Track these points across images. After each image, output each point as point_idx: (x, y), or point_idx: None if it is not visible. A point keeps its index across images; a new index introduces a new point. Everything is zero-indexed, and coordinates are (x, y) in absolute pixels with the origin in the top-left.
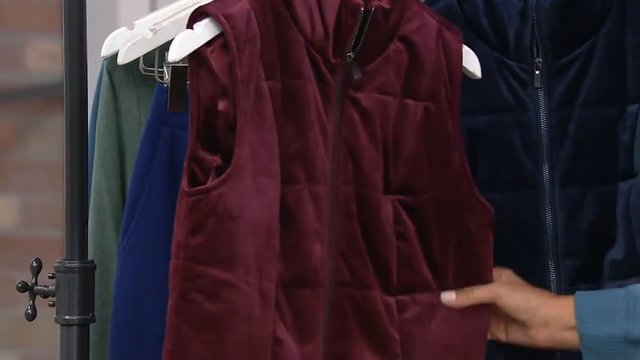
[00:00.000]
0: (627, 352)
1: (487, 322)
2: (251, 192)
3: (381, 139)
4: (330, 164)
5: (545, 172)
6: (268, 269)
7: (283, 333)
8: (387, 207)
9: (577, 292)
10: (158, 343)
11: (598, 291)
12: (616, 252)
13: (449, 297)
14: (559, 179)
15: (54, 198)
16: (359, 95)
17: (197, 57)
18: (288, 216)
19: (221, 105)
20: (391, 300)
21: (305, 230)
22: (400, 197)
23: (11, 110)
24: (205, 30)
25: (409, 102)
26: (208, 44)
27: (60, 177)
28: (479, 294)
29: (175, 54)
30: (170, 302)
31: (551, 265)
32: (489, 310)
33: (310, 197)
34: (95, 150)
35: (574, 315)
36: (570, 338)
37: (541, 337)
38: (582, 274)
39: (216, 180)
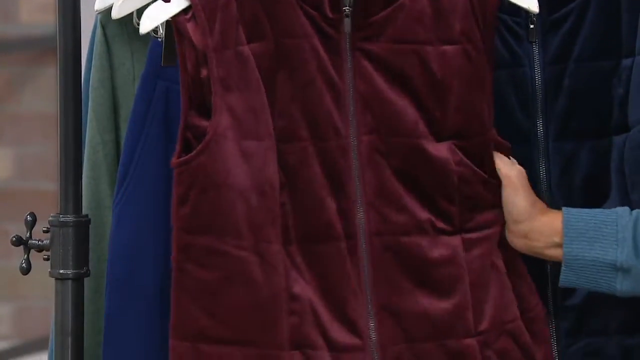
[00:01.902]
0: (609, 276)
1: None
2: (236, 157)
3: (409, 86)
4: (347, 118)
5: (540, 127)
6: (265, 231)
7: (301, 289)
8: (438, 151)
9: (566, 209)
10: (153, 296)
11: (588, 211)
12: (609, 206)
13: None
14: (553, 133)
15: (47, 150)
16: (371, 46)
17: (177, 27)
18: (293, 174)
19: (203, 73)
20: (454, 239)
21: (313, 186)
22: (456, 141)
23: (4, 62)
24: (175, 1)
25: (445, 47)
26: (185, 11)
27: (54, 129)
28: (500, 164)
29: (146, 26)
30: (172, 273)
31: None
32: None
33: (316, 153)
34: (89, 105)
35: (559, 233)
36: (548, 253)
37: (519, 245)
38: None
39: (194, 152)
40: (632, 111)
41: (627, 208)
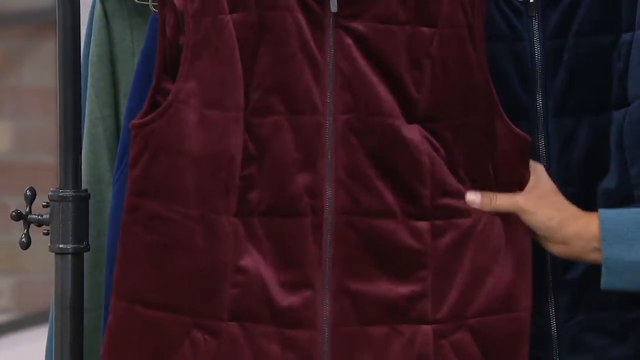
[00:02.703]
0: None
1: (528, 244)
2: (194, 125)
3: (389, 68)
4: (325, 95)
5: (539, 102)
6: (216, 201)
7: (252, 261)
8: (411, 133)
9: (602, 211)
10: None
11: (622, 212)
12: (609, 181)
13: (474, 198)
14: (552, 108)
15: (47, 123)
16: (354, 24)
17: None
18: (263, 147)
19: (181, 39)
20: (423, 224)
21: (283, 161)
22: (427, 124)
23: (3, 35)
24: None
25: (424, 29)
26: None
27: (53, 102)
28: (501, 202)
29: None
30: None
31: None
32: (529, 235)
33: (290, 127)
34: (89, 80)
35: (596, 237)
36: (589, 257)
37: (559, 251)
38: (575, 203)
39: (150, 115)
40: (632, 86)
41: None
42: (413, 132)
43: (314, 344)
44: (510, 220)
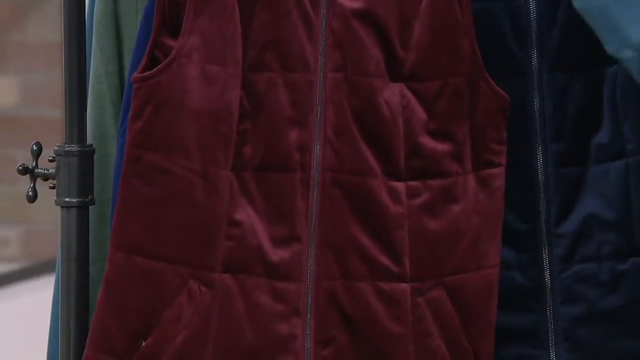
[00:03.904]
0: (615, 44)
1: (501, 203)
2: (196, 80)
3: (380, 28)
4: (317, 53)
5: (534, 59)
6: (216, 154)
7: (245, 215)
8: (389, 93)
9: None
10: None
11: None
12: (601, 136)
13: None
14: (547, 65)
15: (52, 78)
16: None
17: None
18: (258, 103)
19: None
20: (399, 185)
21: (277, 117)
22: (409, 83)
23: None
24: None
25: None
26: None
27: (59, 57)
28: None
29: None
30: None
31: (538, 149)
32: (503, 192)
33: (285, 84)
34: (93, 37)
35: None
36: None
37: None
38: (568, 158)
39: (154, 70)
40: None
41: None
42: (392, 92)
43: (301, 296)
44: (484, 180)
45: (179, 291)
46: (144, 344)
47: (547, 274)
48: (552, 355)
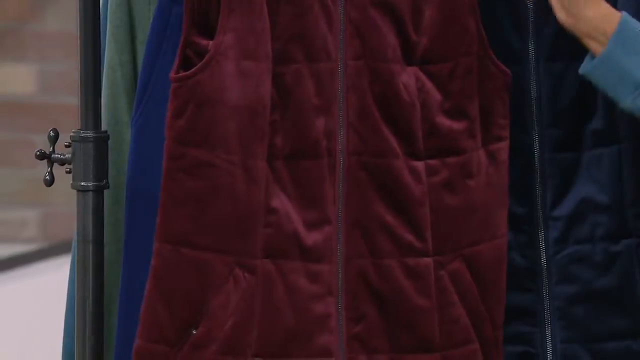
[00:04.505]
0: (627, 90)
1: (507, 175)
2: (233, 76)
3: (395, 14)
4: (337, 42)
5: (531, 48)
6: (253, 147)
7: (280, 202)
8: (406, 77)
9: (625, 16)
10: None
11: None
12: (596, 123)
13: None
14: (544, 54)
15: (70, 66)
16: None
17: None
18: (287, 94)
19: None
20: (419, 164)
21: (305, 106)
22: (423, 66)
23: None
24: None
25: None
26: None
27: (75, 46)
28: None
29: None
30: (162, 181)
31: (535, 136)
32: (507, 164)
33: (310, 74)
34: (108, 27)
35: (605, 34)
36: (584, 41)
37: (564, 21)
38: (563, 143)
39: (194, 68)
40: None
41: None
42: (409, 76)
43: (334, 276)
44: (493, 154)
45: (225, 279)
46: (194, 332)
47: (543, 255)
48: (548, 332)
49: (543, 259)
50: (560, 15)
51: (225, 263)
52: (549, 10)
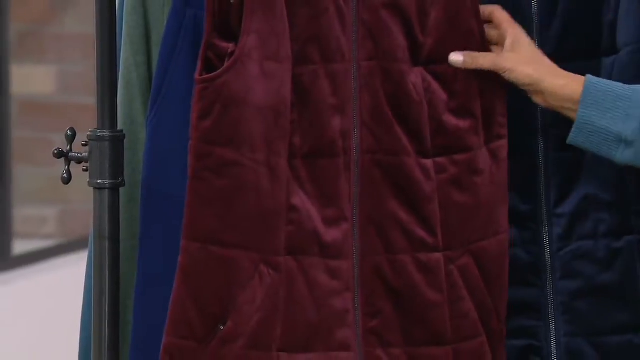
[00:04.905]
0: (612, 145)
1: (506, 172)
2: (257, 77)
3: (404, 16)
4: (351, 43)
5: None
6: (276, 146)
7: (300, 200)
8: (414, 76)
9: (589, 78)
10: (181, 204)
11: (607, 82)
12: None
13: (456, 58)
14: (548, 54)
15: (87, 67)
16: None
17: None
18: (304, 94)
19: None
20: (427, 162)
21: (321, 106)
22: (429, 66)
23: None
24: None
25: None
26: None
27: (93, 48)
28: (483, 60)
29: None
30: (188, 180)
31: (539, 135)
32: (507, 162)
33: (326, 75)
34: (124, 29)
35: (572, 100)
36: (564, 112)
37: (539, 101)
38: (566, 142)
39: (220, 70)
40: (620, 35)
41: None
42: (416, 76)
43: (351, 272)
44: (494, 152)
45: (252, 276)
46: (222, 328)
47: (547, 251)
48: (552, 326)
49: (547, 255)
50: (535, 98)
51: (251, 260)
52: (552, 13)
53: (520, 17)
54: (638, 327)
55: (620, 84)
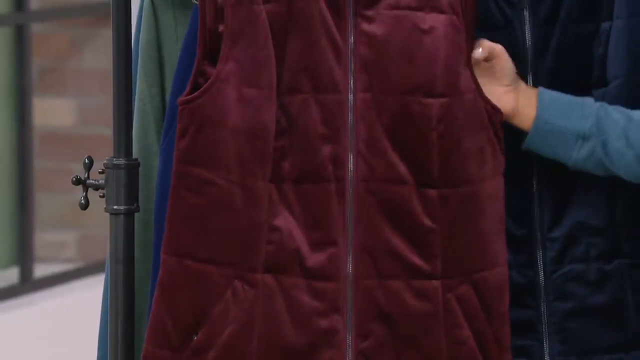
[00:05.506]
0: (570, 144)
1: (503, 210)
2: (234, 101)
3: (402, 47)
4: (347, 75)
5: (530, 82)
6: (253, 167)
7: (284, 222)
8: (420, 108)
9: (540, 87)
10: None
11: (559, 92)
12: None
13: (478, 53)
14: (541, 87)
15: (105, 101)
16: (370, 12)
17: None
18: (294, 122)
19: (221, 27)
20: (432, 192)
21: (311, 134)
22: (439, 99)
23: (68, 24)
24: None
25: (434, 14)
26: None
27: (110, 82)
28: (492, 45)
29: None
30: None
31: (533, 163)
32: (504, 197)
33: (317, 104)
34: (139, 63)
35: (533, 105)
36: (516, 119)
37: (505, 109)
38: (559, 170)
39: (196, 93)
40: (610, 68)
41: (592, 101)
42: (425, 107)
43: (339, 294)
44: (494, 185)
45: (224, 290)
46: (195, 338)
47: (541, 274)
48: (546, 346)
49: (541, 278)
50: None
51: (224, 275)
52: (545, 48)
53: (515, 50)
54: (628, 346)
55: (571, 96)
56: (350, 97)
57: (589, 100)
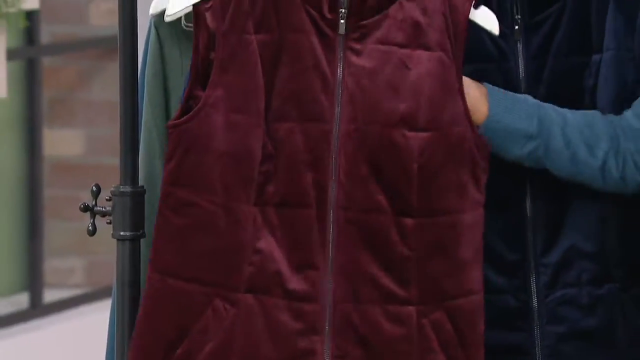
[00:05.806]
0: (519, 141)
1: (481, 239)
2: (221, 127)
3: (388, 81)
4: (333, 105)
5: None
6: (237, 191)
7: (267, 245)
8: (403, 140)
9: (486, 84)
10: None
11: (502, 89)
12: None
13: None
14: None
15: (113, 131)
16: (359, 46)
17: (196, 13)
18: (279, 148)
19: (212, 55)
20: (409, 221)
21: (294, 160)
22: (425, 132)
23: (77, 57)
24: None
25: (421, 51)
26: (206, 2)
27: (117, 113)
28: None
29: (173, 9)
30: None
31: (527, 191)
32: (483, 228)
33: (302, 132)
34: (145, 94)
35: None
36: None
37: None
38: (552, 197)
39: (184, 117)
40: (600, 99)
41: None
42: (409, 140)
43: (318, 316)
44: (473, 216)
45: (205, 308)
46: (176, 353)
47: (534, 298)
48: None
49: (534, 302)
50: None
51: (204, 294)
52: (538, 79)
53: (509, 81)
54: None
55: (519, 98)
56: (336, 127)
57: (528, 97)
